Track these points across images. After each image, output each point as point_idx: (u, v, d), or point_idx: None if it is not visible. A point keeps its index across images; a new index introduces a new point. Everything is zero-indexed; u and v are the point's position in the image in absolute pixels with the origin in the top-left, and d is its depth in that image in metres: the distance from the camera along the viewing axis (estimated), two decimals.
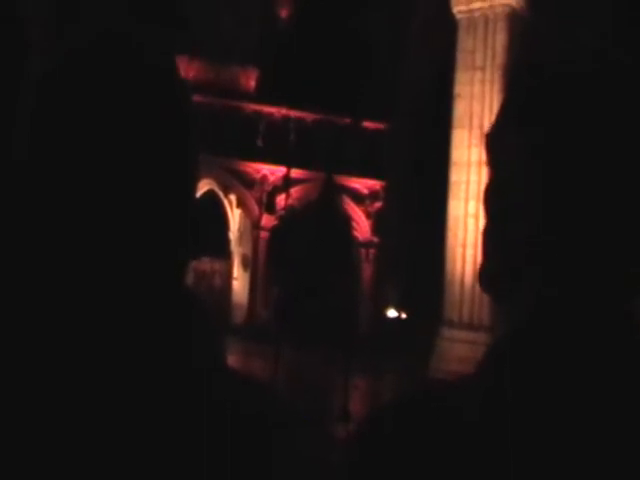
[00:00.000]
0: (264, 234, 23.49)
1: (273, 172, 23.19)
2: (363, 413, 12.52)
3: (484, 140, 0.88)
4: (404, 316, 20.50)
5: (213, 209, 24.53)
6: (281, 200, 22.84)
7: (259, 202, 23.37)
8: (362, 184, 23.04)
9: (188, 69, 23.76)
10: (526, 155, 0.80)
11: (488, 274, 0.84)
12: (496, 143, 0.86)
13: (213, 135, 22.89)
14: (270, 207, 23.01)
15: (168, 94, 0.81)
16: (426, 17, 20.82)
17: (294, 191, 22.75)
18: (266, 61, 23.10)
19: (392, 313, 20.37)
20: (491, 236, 0.84)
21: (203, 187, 25.15)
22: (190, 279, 25.25)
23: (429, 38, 20.90)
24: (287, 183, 22.41)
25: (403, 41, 21.83)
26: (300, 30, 23.50)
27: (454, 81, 17.47)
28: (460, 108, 17.49)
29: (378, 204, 22.91)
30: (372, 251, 22.97)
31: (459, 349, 17.18)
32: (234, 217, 25.18)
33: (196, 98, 23.30)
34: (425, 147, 19.68)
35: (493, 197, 0.84)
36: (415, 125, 20.63)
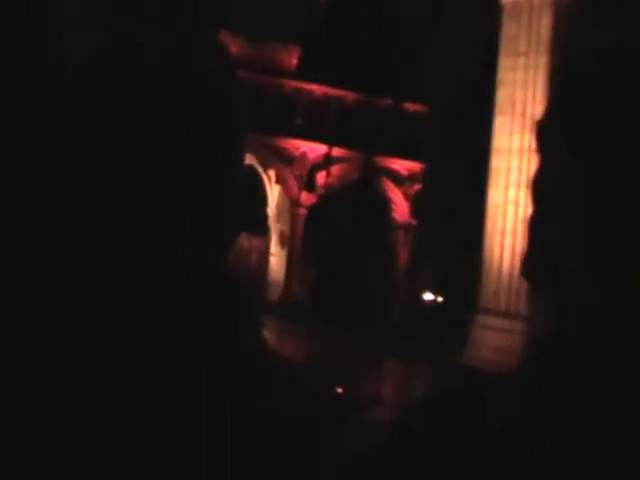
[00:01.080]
0: (302, 211, 23.44)
1: (313, 150, 23.08)
2: (395, 398, 12.52)
3: (534, 128, 0.88)
4: (440, 300, 20.41)
5: (252, 184, 24.54)
6: (321, 178, 22.73)
7: (298, 179, 23.30)
8: (401, 165, 22.83)
9: (231, 45, 23.66)
10: (569, 150, 0.80)
11: (531, 263, 0.83)
12: (545, 133, 0.85)
13: (253, 111, 22.88)
14: (310, 184, 22.90)
15: (207, 81, 0.81)
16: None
17: (334, 169, 22.62)
18: (308, 40, 22.84)
19: (428, 296, 20.33)
20: (537, 225, 0.83)
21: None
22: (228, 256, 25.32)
23: (472, 22, 20.46)
24: (328, 161, 22.26)
25: (445, 24, 21.40)
26: (342, 9, 23.14)
27: (497, 67, 17.16)
28: (503, 94, 17.25)
29: (417, 186, 22.72)
30: (410, 234, 22.84)
31: (494, 337, 17.20)
32: (273, 193, 25.10)
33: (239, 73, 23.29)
34: (466, 132, 19.38)
35: (540, 186, 0.84)
36: (456, 109, 20.29)
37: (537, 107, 16.90)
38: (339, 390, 9.89)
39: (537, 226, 0.83)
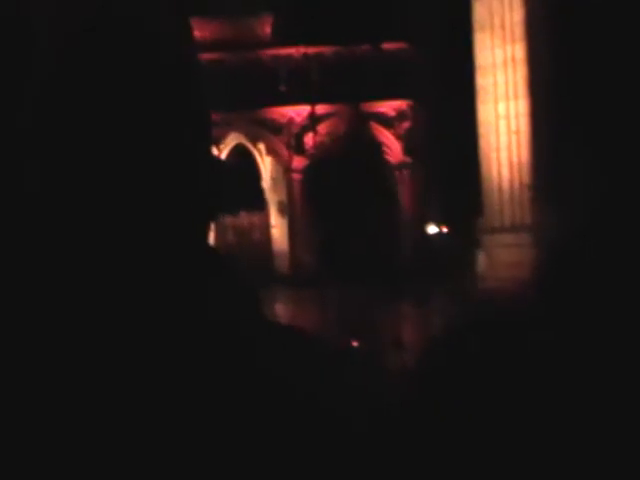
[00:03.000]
0: (297, 176, 23.49)
1: (299, 113, 23.23)
2: (415, 341, 12.36)
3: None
4: (445, 230, 20.42)
5: (243, 162, 24.60)
6: (309, 139, 22.79)
7: (288, 145, 23.37)
8: (388, 107, 22.99)
9: (204, 29, 23.85)
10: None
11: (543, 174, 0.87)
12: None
13: (235, 90, 22.94)
14: (299, 148, 22.93)
15: (170, 57, 0.77)
16: None
17: (321, 127, 22.77)
18: (278, 4, 23.12)
19: (432, 229, 20.29)
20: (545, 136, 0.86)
21: (230, 143, 25.27)
22: (230, 237, 25.12)
23: None
24: (313, 121, 22.39)
25: None
26: None
27: None
28: (480, 10, 17.17)
29: (407, 124, 22.88)
30: (406, 172, 22.92)
31: (505, 254, 16.72)
32: (265, 165, 25.23)
33: (214, 56, 23.58)
34: (449, 56, 19.57)
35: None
36: (434, 34, 20.54)
37: (515, 16, 16.86)
38: (354, 344, 9.83)
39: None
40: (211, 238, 0.82)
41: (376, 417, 0.76)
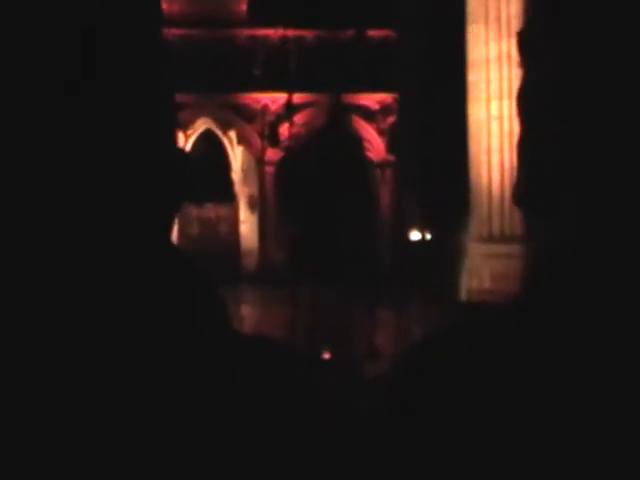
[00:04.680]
0: (270, 169, 22.34)
1: (275, 100, 21.98)
2: (392, 349, 11.77)
3: (516, 38, 0.82)
4: (428, 237, 19.41)
5: (212, 150, 23.40)
6: (284, 129, 21.57)
7: (262, 135, 22.20)
8: (372, 99, 21.67)
9: (173, 3, 22.51)
10: (555, 59, 0.76)
11: (525, 185, 0.78)
12: (527, 41, 0.80)
13: (206, 70, 21.81)
14: (273, 139, 21.74)
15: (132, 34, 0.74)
16: None
17: (298, 117, 21.52)
18: None
19: (415, 235, 19.33)
20: (525, 144, 0.79)
21: (199, 128, 23.95)
22: (194, 229, 24.41)
23: None
24: (290, 110, 21.12)
25: None
26: None
27: None
28: (474, 1, 16.39)
29: (391, 118, 21.58)
30: (389, 171, 21.72)
31: (492, 265, 16.82)
32: (236, 156, 23.84)
33: (183, 32, 22.44)
34: (439, 48, 18.41)
35: (527, 99, 0.79)
36: (425, 24, 19.29)
37: (512, 9, 16.41)
38: (326, 356, 9.41)
39: (526, 145, 0.79)
40: (174, 230, 0.76)
41: (352, 428, 0.78)
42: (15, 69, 0.68)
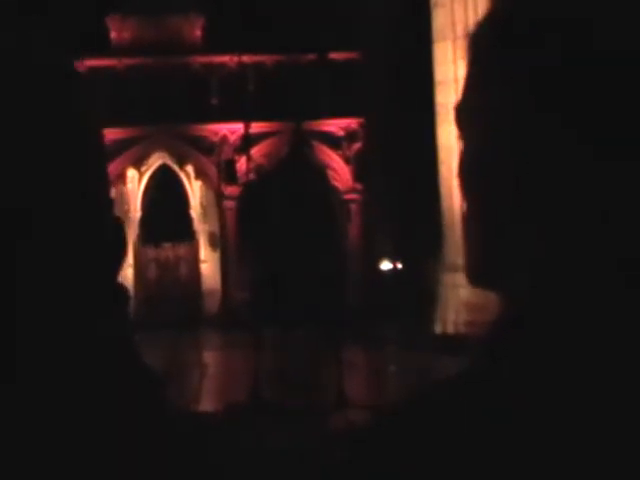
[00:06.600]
0: (230, 204, 21.36)
1: (234, 131, 21.05)
2: (362, 397, 11.03)
3: (453, 112, 0.80)
4: (400, 267, 18.56)
5: (168, 186, 22.37)
6: (242, 164, 20.60)
7: (220, 168, 21.20)
8: (336, 125, 20.86)
9: (122, 29, 21.61)
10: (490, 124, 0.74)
11: (480, 265, 0.76)
12: (465, 112, 0.78)
13: (159, 101, 20.87)
14: (230, 175, 20.73)
15: (55, 97, 0.75)
16: None
17: (260, 148, 20.55)
18: (211, 5, 20.82)
19: (386, 265, 18.46)
20: (474, 218, 0.76)
21: (154, 163, 22.93)
22: (152, 271, 23.40)
23: None
24: (247, 142, 20.17)
25: None
26: None
27: None
28: (440, 17, 15.97)
29: (357, 145, 20.74)
30: (356, 200, 20.86)
31: (466, 295, 15.33)
32: (194, 191, 22.77)
33: (134, 61, 21.50)
34: (405, 69, 17.70)
35: (470, 172, 0.76)
36: (391, 45, 18.56)
37: None
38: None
39: (474, 222, 0.76)
40: (129, 274, 1.93)
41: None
42: None
